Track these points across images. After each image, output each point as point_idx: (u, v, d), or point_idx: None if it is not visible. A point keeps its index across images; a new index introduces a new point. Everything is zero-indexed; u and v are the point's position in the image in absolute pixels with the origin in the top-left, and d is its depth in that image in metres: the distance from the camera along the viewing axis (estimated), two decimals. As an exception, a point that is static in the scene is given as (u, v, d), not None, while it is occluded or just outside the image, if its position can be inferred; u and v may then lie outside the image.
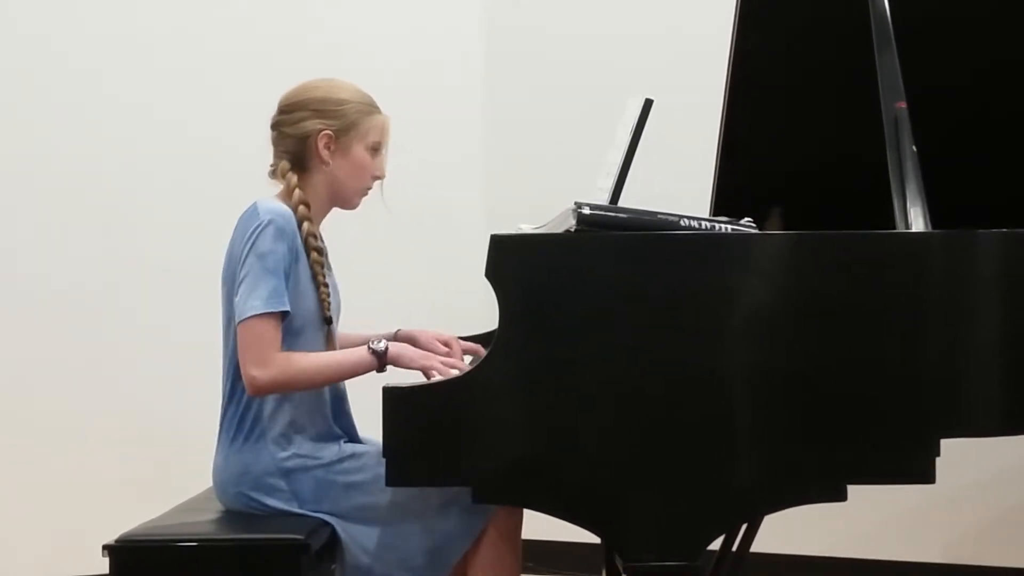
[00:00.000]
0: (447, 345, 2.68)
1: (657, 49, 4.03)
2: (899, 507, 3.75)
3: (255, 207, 2.49)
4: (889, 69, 2.35)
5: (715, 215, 2.68)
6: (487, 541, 2.44)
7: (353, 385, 2.57)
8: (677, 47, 3.99)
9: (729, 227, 2.20)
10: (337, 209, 2.63)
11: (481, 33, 4.33)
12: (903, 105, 2.32)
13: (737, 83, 2.85)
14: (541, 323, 2.15)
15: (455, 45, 4.30)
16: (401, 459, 2.16)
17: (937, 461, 2.15)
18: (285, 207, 2.50)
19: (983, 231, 2.21)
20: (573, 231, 2.17)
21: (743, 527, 2.85)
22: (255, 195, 2.53)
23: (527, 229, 2.41)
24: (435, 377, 2.35)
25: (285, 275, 2.43)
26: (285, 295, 2.42)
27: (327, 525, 2.46)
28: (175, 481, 2.86)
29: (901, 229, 2.24)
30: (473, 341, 2.81)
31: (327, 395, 2.55)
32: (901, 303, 2.17)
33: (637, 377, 2.14)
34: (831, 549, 3.90)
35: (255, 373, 2.39)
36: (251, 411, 2.49)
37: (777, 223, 2.85)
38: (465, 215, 4.22)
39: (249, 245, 2.43)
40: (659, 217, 2.18)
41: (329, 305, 2.53)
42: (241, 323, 2.41)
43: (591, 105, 3.94)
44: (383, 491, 2.37)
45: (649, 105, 2.53)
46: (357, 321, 2.77)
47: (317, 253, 2.51)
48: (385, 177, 2.62)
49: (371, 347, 2.45)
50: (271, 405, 2.49)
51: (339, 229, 2.75)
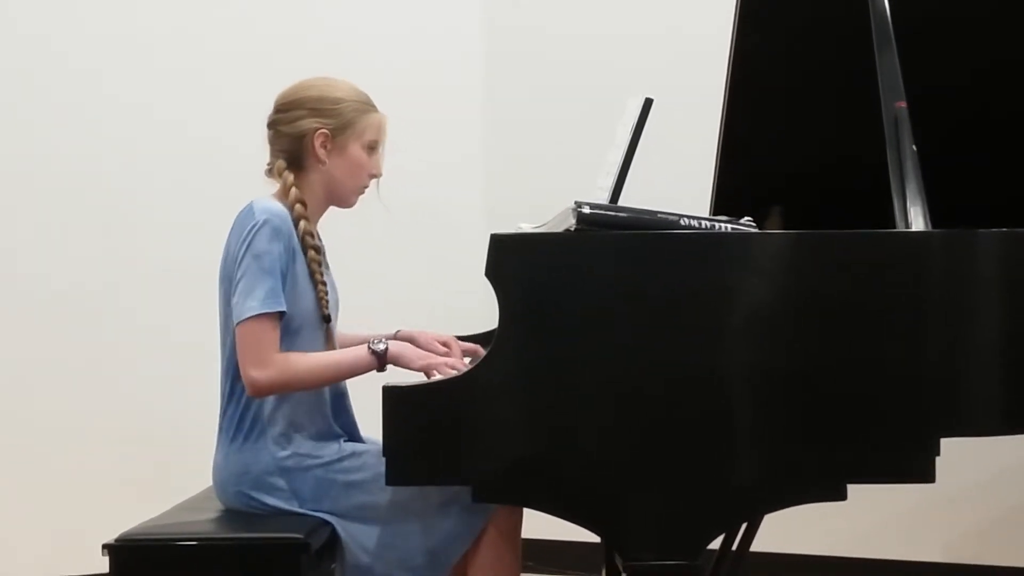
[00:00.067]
0: (446, 346, 2.68)
1: (657, 49, 4.03)
2: (899, 507, 3.75)
3: (251, 207, 2.49)
4: (889, 69, 2.35)
5: (715, 215, 2.68)
6: (487, 540, 2.44)
7: (353, 384, 2.57)
8: (677, 47, 3.99)
9: (729, 227, 2.19)
10: (336, 208, 2.63)
11: (481, 33, 4.33)
12: (903, 105, 2.33)
13: (737, 83, 2.85)
14: (541, 322, 2.14)
15: (455, 45, 4.30)
16: (401, 458, 2.16)
17: (937, 461, 2.15)
18: (281, 206, 2.50)
19: (983, 231, 2.21)
20: (573, 230, 2.17)
21: (743, 527, 2.85)
22: (255, 195, 2.53)
23: (527, 229, 2.41)
24: (435, 377, 2.35)
25: (282, 275, 2.43)
26: (282, 295, 2.42)
27: (327, 524, 2.45)
28: (175, 481, 2.86)
29: (901, 229, 2.24)
30: (473, 341, 2.81)
31: (327, 394, 2.55)
32: (901, 303, 2.17)
33: (637, 376, 2.14)
34: (831, 549, 3.90)
35: (254, 374, 2.39)
36: (251, 410, 2.49)
37: (777, 223, 2.85)
38: (465, 215, 4.22)
39: (245, 246, 2.43)
40: (659, 216, 2.18)
41: (327, 303, 2.53)
42: (239, 324, 2.41)
43: (591, 105, 3.94)
44: (383, 490, 2.37)
45: (649, 105, 2.53)
46: (356, 320, 2.77)
47: (314, 252, 2.51)
48: (382, 176, 2.62)
49: (371, 347, 2.45)
50: (271, 404, 2.49)
51: (338, 228, 2.75)
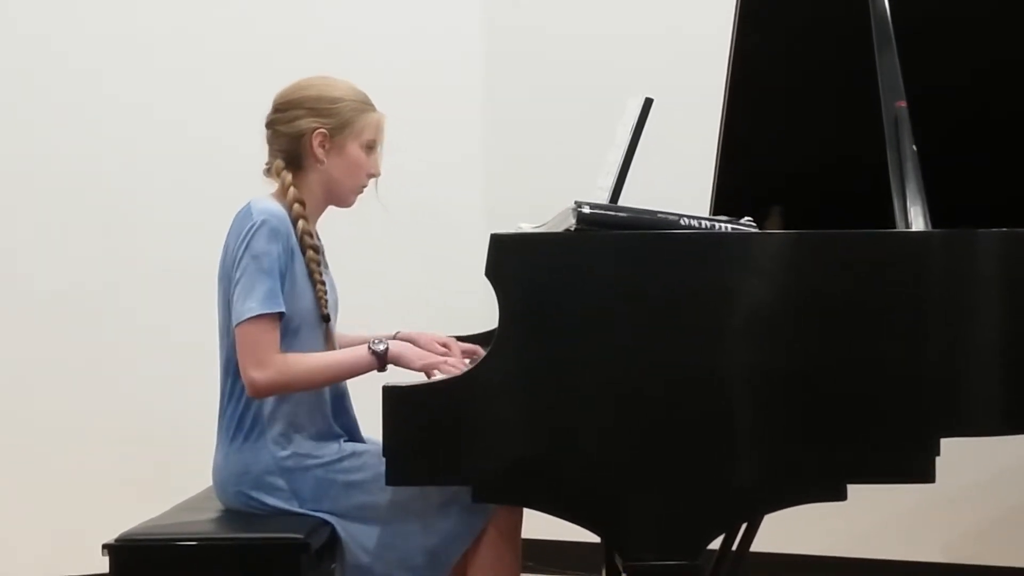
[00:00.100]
0: (445, 347, 2.67)
1: (657, 49, 4.03)
2: (899, 507, 3.75)
3: (249, 207, 2.49)
4: (889, 69, 2.35)
5: (715, 215, 2.68)
6: (487, 540, 2.44)
7: (354, 385, 2.57)
8: (677, 47, 3.98)
9: (729, 227, 2.19)
10: (335, 208, 2.63)
11: (481, 33, 4.32)
12: (903, 105, 2.32)
13: (737, 83, 2.85)
14: (541, 323, 2.14)
15: (455, 45, 4.30)
16: (401, 458, 2.16)
17: (937, 461, 2.15)
18: (279, 207, 2.50)
19: (983, 231, 2.21)
20: (573, 230, 2.17)
21: (743, 527, 2.85)
22: (255, 195, 2.53)
23: (527, 228, 2.41)
24: (436, 376, 2.35)
25: (281, 275, 2.43)
26: (280, 296, 2.42)
27: (327, 524, 2.45)
28: (175, 481, 2.86)
29: (901, 229, 2.24)
30: (473, 341, 2.81)
31: (327, 394, 2.55)
32: (901, 303, 2.17)
33: (637, 377, 2.14)
34: (831, 549, 3.90)
35: (254, 375, 2.39)
36: (250, 410, 2.49)
37: (777, 224, 2.84)
38: (465, 215, 4.22)
39: (244, 246, 2.43)
40: (659, 216, 2.18)
41: (326, 303, 2.53)
42: (239, 326, 2.41)
43: (591, 105, 3.94)
44: (383, 490, 2.37)
45: (649, 105, 2.53)
46: (355, 320, 2.77)
47: (313, 251, 2.51)
48: (380, 175, 2.62)
49: (371, 347, 2.45)
50: (270, 404, 2.49)
51: (338, 228, 2.75)
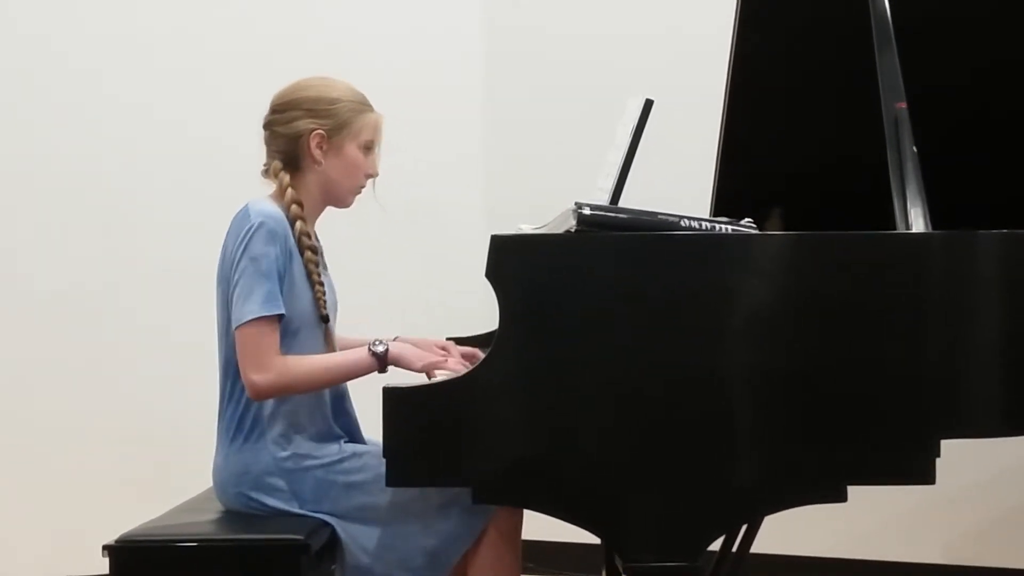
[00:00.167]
0: (445, 351, 2.67)
1: (657, 49, 4.02)
2: (899, 507, 3.75)
3: (246, 209, 2.49)
4: (889, 69, 2.35)
5: (715, 216, 2.68)
6: (487, 541, 2.44)
7: (354, 386, 2.57)
8: (677, 47, 3.98)
9: (729, 228, 2.19)
10: (334, 208, 2.63)
11: (481, 33, 4.32)
12: (903, 105, 2.32)
13: (737, 84, 2.84)
14: (541, 323, 2.14)
15: (455, 45, 4.30)
16: (401, 459, 2.16)
17: (937, 461, 2.15)
18: (276, 208, 2.50)
19: (983, 231, 2.21)
20: (573, 231, 2.17)
21: (743, 527, 2.85)
22: (254, 195, 2.53)
23: (527, 229, 2.41)
24: (436, 377, 2.35)
25: (279, 277, 2.43)
26: (280, 298, 2.42)
27: (327, 525, 2.45)
28: (175, 481, 2.86)
29: (901, 229, 2.24)
30: (472, 342, 2.81)
31: (327, 395, 2.55)
32: (901, 303, 2.17)
33: (637, 378, 2.14)
34: (831, 549, 3.90)
35: (255, 378, 2.39)
36: (250, 411, 2.49)
37: (777, 225, 2.84)
38: (465, 215, 4.22)
39: (242, 249, 2.43)
40: (659, 218, 2.18)
41: (325, 303, 2.52)
42: (238, 328, 2.41)
43: (591, 105, 3.93)
44: (383, 491, 2.37)
45: (649, 105, 2.53)
46: (355, 321, 2.77)
47: (311, 252, 2.51)
48: (378, 175, 2.62)
49: (371, 348, 2.45)
50: (270, 405, 2.48)
51: (336, 229, 2.75)
